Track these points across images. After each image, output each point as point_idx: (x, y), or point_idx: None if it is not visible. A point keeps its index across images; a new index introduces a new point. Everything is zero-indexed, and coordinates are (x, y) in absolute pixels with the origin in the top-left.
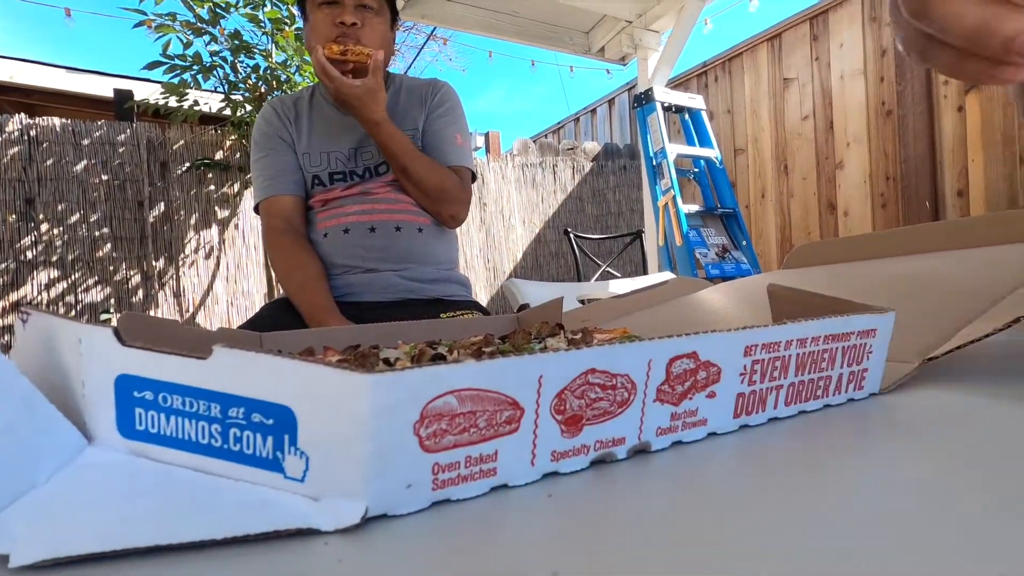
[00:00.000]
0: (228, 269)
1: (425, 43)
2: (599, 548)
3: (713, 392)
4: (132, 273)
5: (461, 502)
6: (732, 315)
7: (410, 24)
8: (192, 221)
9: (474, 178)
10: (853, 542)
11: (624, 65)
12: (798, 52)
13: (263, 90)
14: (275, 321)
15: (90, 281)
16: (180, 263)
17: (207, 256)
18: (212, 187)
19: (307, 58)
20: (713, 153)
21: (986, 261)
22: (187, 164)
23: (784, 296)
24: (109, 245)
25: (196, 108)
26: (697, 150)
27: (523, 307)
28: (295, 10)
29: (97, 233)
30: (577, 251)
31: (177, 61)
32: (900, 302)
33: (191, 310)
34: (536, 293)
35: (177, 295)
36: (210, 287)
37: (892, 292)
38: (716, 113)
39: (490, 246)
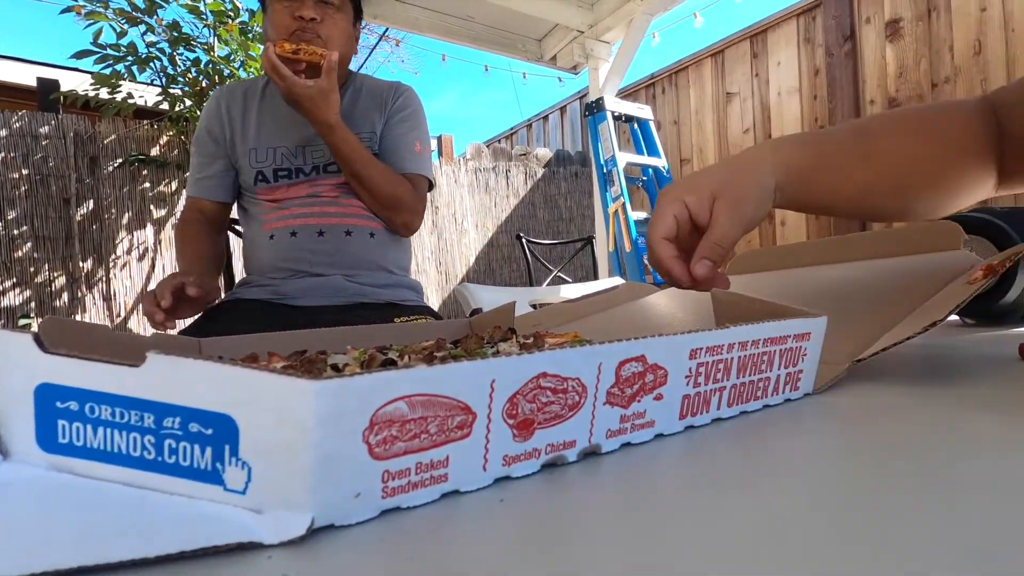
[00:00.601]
0: (164, 271)
1: (377, 43)
2: (552, 552)
3: (660, 394)
4: (56, 275)
5: (411, 510)
6: (678, 319)
7: (362, 24)
8: (124, 220)
9: (432, 187)
10: (794, 534)
11: (575, 74)
12: (739, 68)
13: (204, 85)
14: (220, 324)
15: (7, 283)
16: (111, 265)
17: (141, 258)
18: (147, 185)
19: (252, 53)
20: (661, 162)
21: (907, 269)
22: (119, 160)
23: (727, 301)
24: (30, 244)
25: (130, 101)
26: (645, 159)
27: (475, 311)
28: (239, 2)
29: (16, 232)
30: (529, 256)
31: (109, 51)
32: (831, 307)
33: (123, 315)
34: (488, 298)
35: (107, 299)
36: (144, 290)
37: (824, 297)
38: (663, 124)
39: (442, 250)
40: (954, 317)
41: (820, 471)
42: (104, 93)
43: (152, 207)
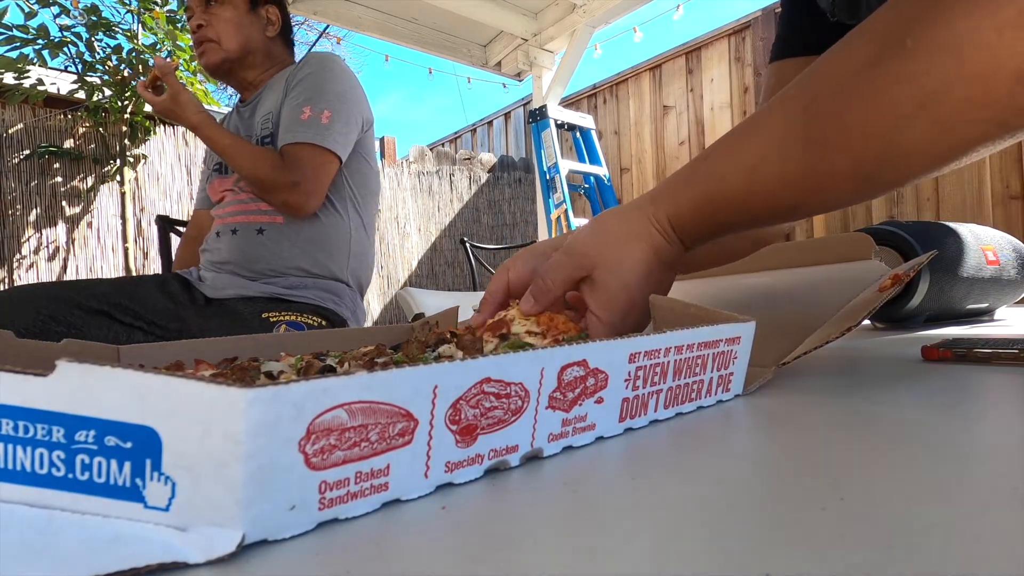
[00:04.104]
0: (78, 273)
1: (317, 40)
2: (495, 557)
3: (601, 398)
4: None
5: (350, 521)
6: None
7: (301, 19)
8: (32, 217)
9: (341, 161)
10: (733, 530)
11: (520, 81)
12: (676, 83)
13: (126, 74)
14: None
15: None
16: (15, 265)
17: (51, 258)
18: (59, 179)
19: (180, 43)
20: (602, 171)
21: (825, 278)
22: (27, 151)
23: (664, 306)
24: None
25: (40, 88)
26: (587, 167)
27: (418, 316)
28: None
29: None
30: (473, 261)
31: (16, 32)
32: (759, 312)
33: None
34: (431, 302)
35: None
36: None
37: (752, 304)
38: (605, 133)
39: (384, 254)
40: (866, 322)
41: (753, 468)
42: (9, 78)
43: (65, 203)
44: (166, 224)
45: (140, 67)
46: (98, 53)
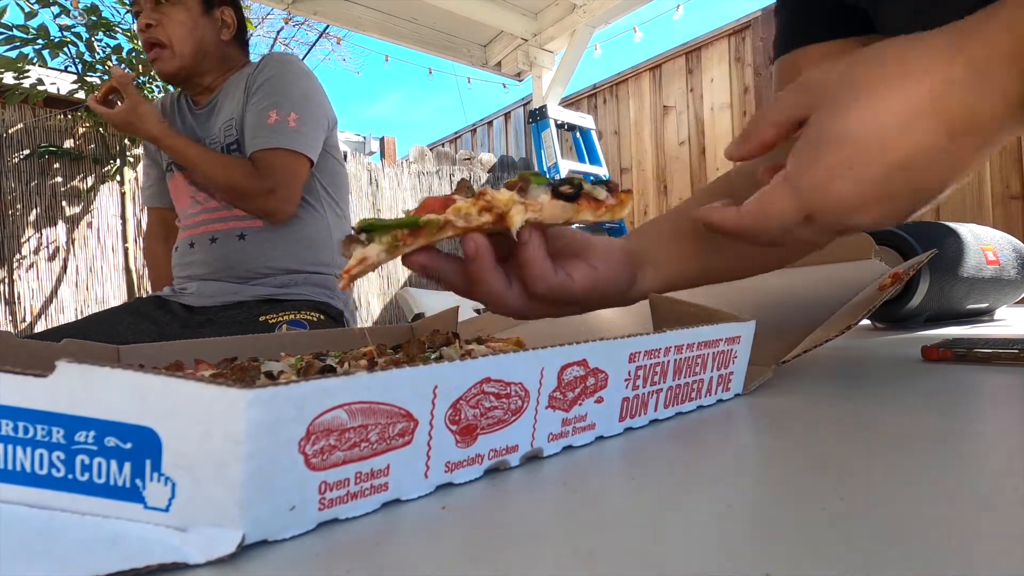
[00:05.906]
0: (78, 273)
1: (317, 40)
2: (495, 557)
3: (601, 397)
4: None
5: (350, 521)
6: (618, 323)
7: (301, 19)
8: (32, 217)
9: (312, 163)
10: (734, 529)
11: (520, 81)
12: (676, 83)
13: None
14: (123, 320)
15: None
16: (15, 265)
17: (51, 258)
18: (59, 179)
19: None
20: (602, 171)
21: (825, 276)
22: (27, 151)
23: (664, 305)
24: None
25: (40, 88)
26: (587, 167)
27: (418, 316)
28: None
29: None
30: None
31: (16, 32)
32: (758, 311)
33: (28, 320)
34: (431, 302)
35: (10, 303)
36: (54, 294)
37: (752, 303)
38: (604, 133)
39: None
40: (866, 321)
41: (753, 468)
42: (9, 78)
43: (64, 203)
44: None
45: (140, 67)
46: (98, 53)
